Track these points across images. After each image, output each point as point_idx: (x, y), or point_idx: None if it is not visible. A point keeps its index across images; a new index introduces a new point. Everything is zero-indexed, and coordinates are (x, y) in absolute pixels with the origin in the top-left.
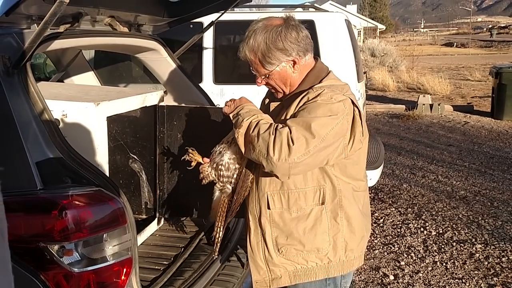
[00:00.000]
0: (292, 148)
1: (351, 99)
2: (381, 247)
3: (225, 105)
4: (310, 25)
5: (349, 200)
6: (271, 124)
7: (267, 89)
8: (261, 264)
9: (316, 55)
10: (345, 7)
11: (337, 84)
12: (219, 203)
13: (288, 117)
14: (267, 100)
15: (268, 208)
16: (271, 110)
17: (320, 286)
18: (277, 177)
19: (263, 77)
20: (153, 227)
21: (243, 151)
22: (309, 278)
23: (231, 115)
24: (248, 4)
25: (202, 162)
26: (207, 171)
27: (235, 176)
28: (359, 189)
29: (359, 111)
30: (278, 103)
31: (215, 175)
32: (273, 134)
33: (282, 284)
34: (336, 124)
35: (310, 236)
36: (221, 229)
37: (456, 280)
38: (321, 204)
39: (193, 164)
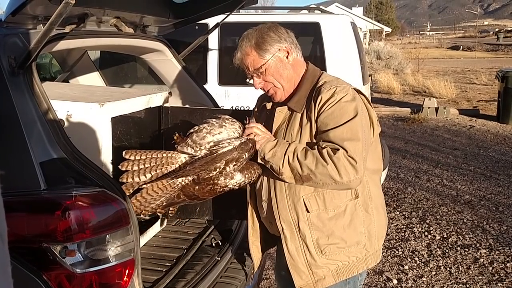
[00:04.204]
0: (357, 166)
1: (355, 89)
2: (385, 251)
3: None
4: (315, 28)
5: (375, 188)
6: (311, 152)
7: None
8: (303, 269)
9: (322, 57)
10: (351, 9)
11: (338, 79)
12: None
13: (313, 122)
14: (268, 105)
15: (307, 211)
16: (276, 116)
17: (341, 285)
18: None
19: (259, 73)
20: (156, 228)
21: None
22: (351, 273)
23: (259, 160)
24: (253, 6)
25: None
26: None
27: (201, 147)
28: (379, 173)
29: (365, 97)
30: (284, 107)
31: (188, 134)
32: (328, 163)
33: (327, 284)
34: (362, 117)
35: (350, 231)
36: (143, 176)
37: (460, 285)
38: (354, 198)
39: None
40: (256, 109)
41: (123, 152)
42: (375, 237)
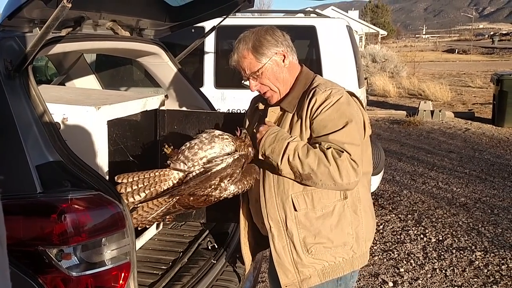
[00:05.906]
0: (358, 169)
1: (348, 92)
2: (381, 253)
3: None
4: (311, 31)
5: (364, 190)
6: (314, 152)
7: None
8: (289, 267)
9: (317, 61)
10: (347, 12)
11: (332, 82)
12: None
13: (304, 123)
14: (261, 106)
15: (295, 210)
16: (268, 116)
17: (332, 286)
18: None
19: (256, 76)
20: (152, 231)
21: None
22: (337, 274)
23: (260, 156)
24: (250, 9)
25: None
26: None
27: (194, 163)
28: (368, 176)
29: (358, 100)
30: (276, 108)
31: (180, 151)
32: (331, 163)
33: (312, 283)
34: (358, 120)
35: (337, 232)
36: (137, 194)
37: (456, 287)
38: (343, 199)
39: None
40: (248, 111)
41: (115, 177)
42: (362, 239)
